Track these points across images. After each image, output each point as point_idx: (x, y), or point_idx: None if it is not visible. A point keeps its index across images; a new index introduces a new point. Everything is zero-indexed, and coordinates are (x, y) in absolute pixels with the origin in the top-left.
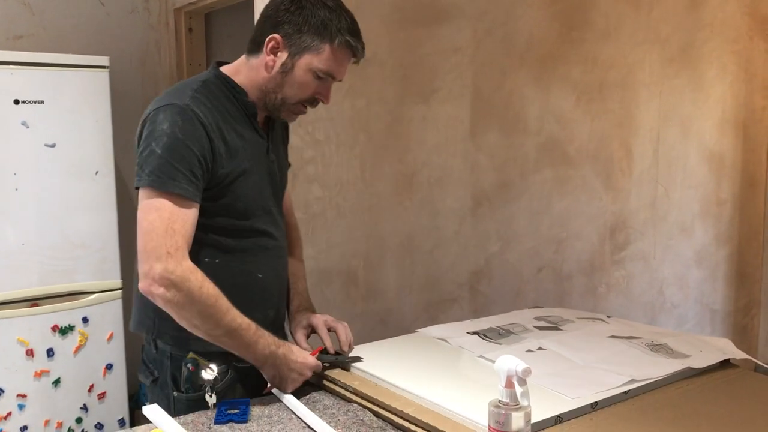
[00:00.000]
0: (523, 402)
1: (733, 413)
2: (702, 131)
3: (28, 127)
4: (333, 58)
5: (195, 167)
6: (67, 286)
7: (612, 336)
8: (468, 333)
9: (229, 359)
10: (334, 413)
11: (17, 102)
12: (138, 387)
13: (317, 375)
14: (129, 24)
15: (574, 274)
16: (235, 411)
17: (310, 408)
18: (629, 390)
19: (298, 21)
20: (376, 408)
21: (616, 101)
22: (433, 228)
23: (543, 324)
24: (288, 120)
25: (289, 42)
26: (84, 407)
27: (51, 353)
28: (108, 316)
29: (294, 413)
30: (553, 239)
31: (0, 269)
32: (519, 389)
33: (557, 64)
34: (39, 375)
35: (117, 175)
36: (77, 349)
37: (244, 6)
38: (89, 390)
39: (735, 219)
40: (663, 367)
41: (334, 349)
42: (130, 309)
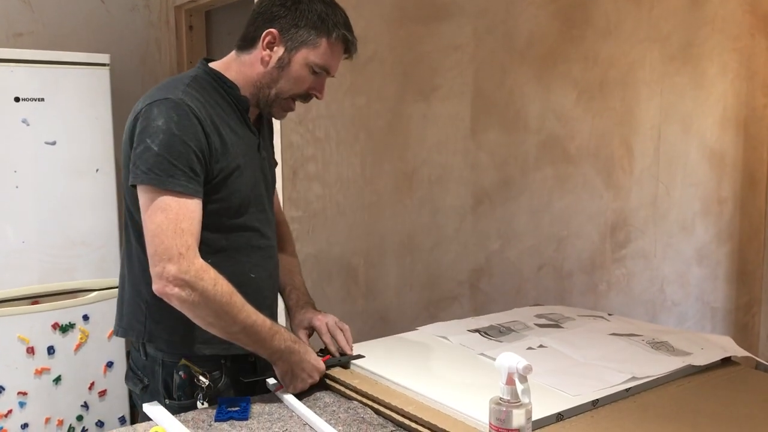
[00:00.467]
0: (524, 399)
1: (734, 411)
2: (703, 129)
3: (28, 125)
4: (329, 52)
5: (193, 163)
6: (68, 283)
7: (613, 334)
8: (468, 331)
9: (221, 364)
10: (334, 411)
11: (17, 99)
12: None
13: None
14: (129, 21)
15: (574, 272)
16: (236, 408)
17: (310, 405)
18: (630, 387)
19: (294, 15)
20: (376, 405)
21: (616, 99)
22: (434, 226)
23: (544, 322)
24: (277, 117)
25: (286, 37)
26: (85, 405)
27: (51, 351)
28: (108, 313)
29: (294, 411)
30: (554, 237)
31: (0, 267)
32: (520, 386)
33: (558, 61)
34: (40, 373)
35: (117, 173)
36: (78, 347)
37: (244, 3)
38: (90, 388)
39: (736, 217)
40: (664, 365)
41: (336, 351)
42: None
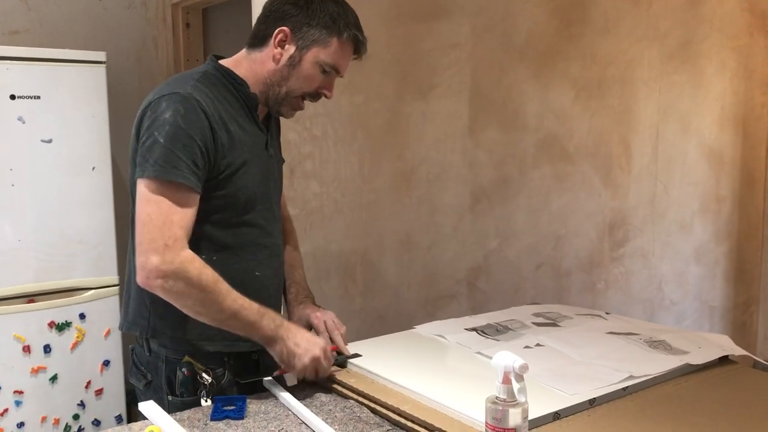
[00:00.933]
0: (521, 398)
1: (732, 410)
2: (701, 128)
3: (24, 123)
4: (340, 51)
5: (197, 157)
6: (64, 282)
7: (610, 332)
8: (466, 329)
9: (225, 361)
10: (330, 410)
11: (13, 97)
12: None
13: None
14: (126, 19)
15: (572, 270)
16: (232, 407)
17: (306, 404)
18: (627, 386)
19: (306, 14)
20: (373, 405)
21: (615, 97)
22: (432, 224)
23: (541, 320)
24: (286, 116)
25: (298, 35)
26: (81, 404)
27: (48, 349)
28: (105, 312)
29: (290, 410)
30: (552, 236)
31: None
32: (516, 385)
33: (556, 60)
34: (36, 371)
35: (114, 171)
36: (74, 346)
37: (241, 1)
38: (86, 386)
39: (734, 216)
40: (661, 364)
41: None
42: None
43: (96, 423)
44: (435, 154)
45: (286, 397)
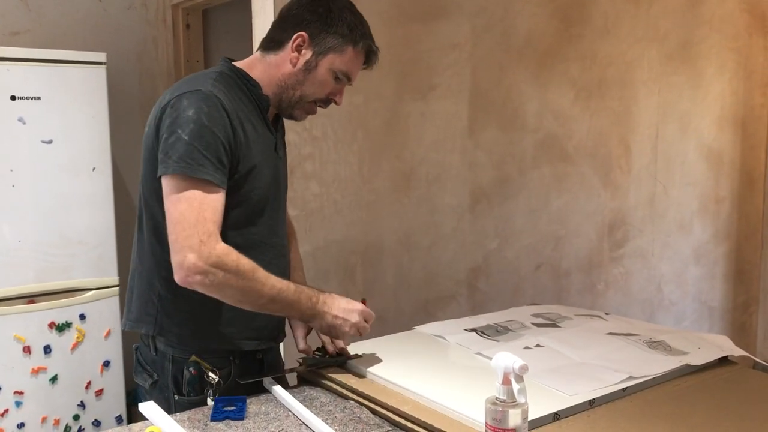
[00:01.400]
0: (520, 399)
1: (731, 410)
2: (701, 128)
3: (24, 124)
4: (354, 60)
5: (221, 154)
6: (64, 282)
7: (610, 333)
8: (465, 330)
9: (230, 361)
10: (330, 410)
11: (14, 98)
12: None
13: (315, 373)
14: (126, 20)
15: (572, 271)
16: (232, 408)
17: (306, 405)
18: (627, 387)
19: (325, 22)
20: (372, 405)
21: (614, 98)
22: (431, 225)
23: (541, 321)
24: (299, 119)
25: (315, 41)
26: (81, 404)
27: (48, 350)
28: (105, 312)
29: (290, 410)
30: (552, 236)
31: None
32: (516, 386)
33: (556, 60)
34: (36, 372)
35: (114, 172)
36: (74, 346)
37: (241, 2)
38: (86, 387)
39: (733, 216)
40: (661, 364)
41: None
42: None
43: (96, 423)
44: (434, 154)
45: (286, 398)
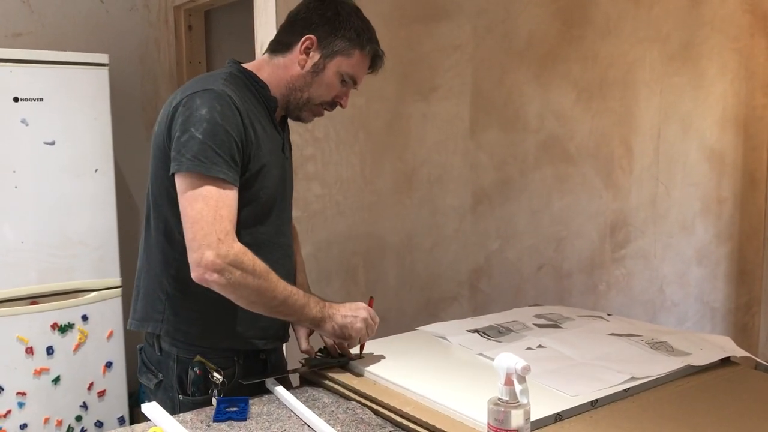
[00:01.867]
0: (523, 400)
1: (734, 411)
2: (702, 129)
3: (27, 125)
4: (360, 64)
5: (234, 152)
6: (67, 284)
7: (612, 334)
8: (468, 331)
9: (235, 361)
10: (333, 411)
11: (16, 100)
12: (138, 385)
13: (317, 374)
14: (128, 21)
15: (574, 272)
16: (234, 409)
17: (309, 406)
18: (629, 388)
19: (333, 26)
20: (375, 406)
21: (616, 99)
22: (433, 226)
23: (543, 322)
24: (306, 120)
25: (323, 43)
26: (84, 405)
27: (50, 351)
28: (108, 314)
29: (293, 411)
30: (554, 237)
31: None
32: (518, 387)
33: (557, 61)
34: (39, 373)
35: (116, 173)
36: (77, 347)
37: (243, 4)
38: (89, 388)
39: (735, 217)
40: (663, 365)
41: (337, 352)
42: (129, 307)
43: (98, 424)
44: (436, 155)
45: (288, 399)
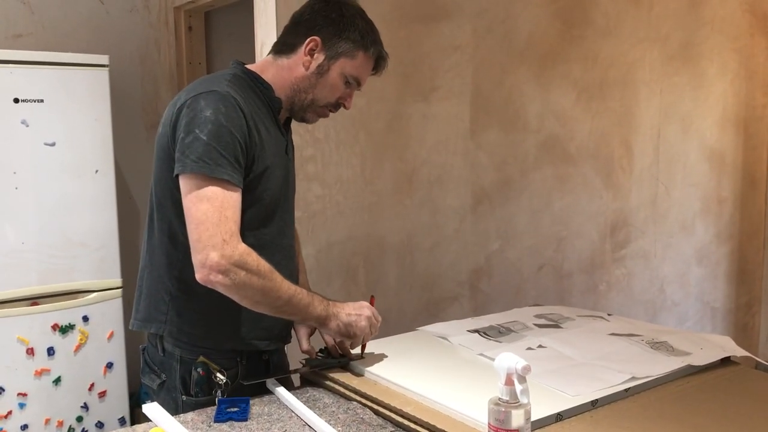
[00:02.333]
0: (523, 400)
1: (734, 411)
2: (702, 129)
3: (27, 126)
4: (364, 65)
5: (238, 154)
6: (67, 284)
7: (612, 334)
8: (468, 331)
9: (238, 362)
10: (333, 411)
11: (17, 101)
12: (138, 386)
13: (318, 374)
14: (128, 22)
15: (574, 272)
16: (235, 409)
17: (309, 406)
18: (630, 387)
19: (338, 27)
20: (375, 406)
21: (616, 99)
22: (434, 226)
23: (543, 322)
24: (310, 121)
25: (327, 45)
26: (84, 406)
27: (51, 352)
28: (108, 314)
29: (294, 411)
30: (554, 237)
31: (0, 268)
32: (519, 387)
33: (557, 61)
34: (39, 374)
35: (117, 174)
36: (78, 348)
37: (243, 4)
38: (90, 389)
39: (736, 217)
40: (663, 365)
41: (338, 353)
42: (130, 307)
43: (99, 425)
44: (436, 155)
45: (289, 399)
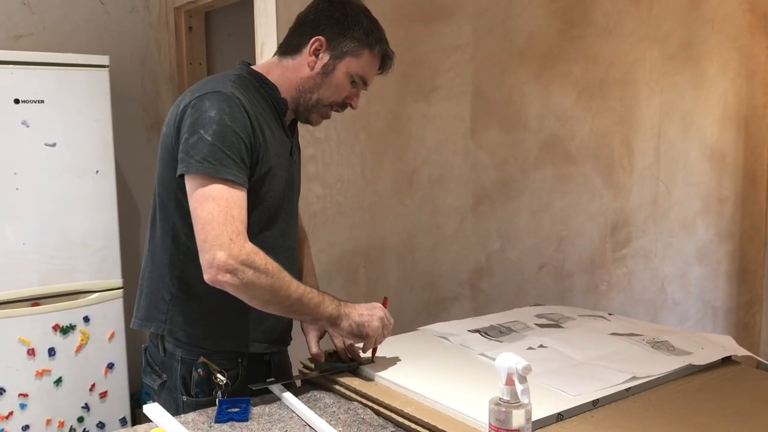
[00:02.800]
0: (524, 399)
1: (735, 410)
2: (703, 128)
3: (28, 127)
4: (370, 64)
5: (243, 154)
6: (68, 285)
7: (613, 333)
8: (469, 331)
9: (238, 363)
10: (334, 411)
11: (17, 101)
12: (140, 386)
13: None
14: (129, 23)
15: (575, 271)
16: (236, 409)
17: (310, 406)
18: (630, 387)
19: (342, 27)
20: (376, 406)
21: (616, 98)
22: (434, 226)
23: (544, 321)
24: (314, 123)
25: (332, 44)
26: (85, 406)
27: (52, 352)
28: (109, 315)
29: (294, 412)
30: (554, 237)
31: (0, 268)
32: (519, 387)
33: (557, 61)
34: (40, 374)
35: (117, 174)
36: (78, 349)
37: (244, 5)
38: (91, 389)
39: (736, 216)
40: (664, 365)
41: (347, 357)
42: (131, 308)
43: (100, 426)
44: (437, 155)
45: (290, 399)
